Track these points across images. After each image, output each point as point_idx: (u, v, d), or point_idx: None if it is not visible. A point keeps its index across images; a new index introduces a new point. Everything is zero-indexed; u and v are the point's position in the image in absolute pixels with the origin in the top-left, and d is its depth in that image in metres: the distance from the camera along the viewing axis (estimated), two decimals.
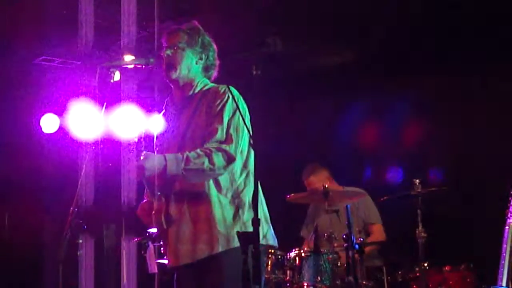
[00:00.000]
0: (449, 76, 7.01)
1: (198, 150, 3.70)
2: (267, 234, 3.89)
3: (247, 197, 3.83)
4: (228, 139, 3.76)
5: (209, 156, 3.68)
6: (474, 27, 6.56)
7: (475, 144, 6.83)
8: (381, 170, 7.54)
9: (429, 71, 7.16)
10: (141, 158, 3.61)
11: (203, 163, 3.66)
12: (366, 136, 7.65)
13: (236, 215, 3.78)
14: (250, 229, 3.63)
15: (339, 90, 7.64)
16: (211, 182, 3.78)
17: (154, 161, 3.64)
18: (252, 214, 3.74)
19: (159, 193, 3.83)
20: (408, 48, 7.08)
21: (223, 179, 3.80)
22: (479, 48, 6.69)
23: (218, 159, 3.69)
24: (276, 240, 4.01)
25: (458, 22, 6.59)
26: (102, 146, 3.81)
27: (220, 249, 3.72)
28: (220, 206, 3.76)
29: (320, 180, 6.70)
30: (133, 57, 4.16)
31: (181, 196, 3.81)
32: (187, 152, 3.69)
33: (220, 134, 3.76)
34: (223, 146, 3.73)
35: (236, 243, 3.69)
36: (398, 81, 7.32)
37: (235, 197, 3.81)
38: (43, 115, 7.78)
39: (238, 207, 3.80)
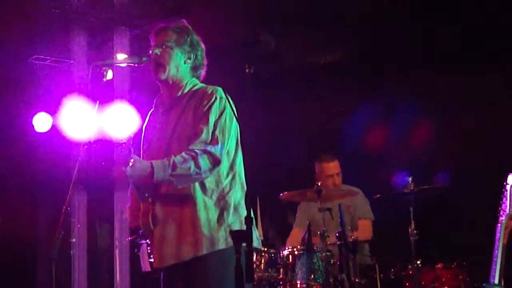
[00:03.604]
0: (448, 74, 7.02)
1: (184, 154, 3.68)
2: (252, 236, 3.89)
3: (233, 199, 3.82)
4: (213, 140, 3.75)
5: (195, 159, 3.66)
6: (474, 27, 6.59)
7: (468, 142, 6.84)
8: (377, 168, 7.54)
9: (429, 68, 7.16)
10: (130, 164, 3.58)
11: (190, 167, 3.64)
12: (363, 134, 7.65)
13: (220, 218, 3.77)
14: None
15: (333, 89, 7.65)
16: (197, 184, 3.77)
17: (140, 168, 3.62)
18: (237, 217, 3.79)
19: (146, 195, 3.82)
20: (408, 45, 7.09)
21: (209, 181, 3.78)
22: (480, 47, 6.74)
23: (204, 162, 3.68)
24: (260, 242, 4.02)
25: (458, 22, 6.62)
26: (95, 145, 3.80)
27: (204, 251, 3.71)
28: (205, 208, 3.76)
29: (337, 167, 6.77)
30: (125, 56, 4.15)
31: (167, 198, 3.81)
32: (173, 157, 3.66)
33: (205, 135, 3.74)
34: (208, 147, 3.72)
35: (220, 245, 3.72)
36: (396, 78, 7.33)
37: (220, 199, 3.80)
38: (35, 114, 7.78)
39: (223, 209, 3.79)
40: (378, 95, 7.44)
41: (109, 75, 3.96)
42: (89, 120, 3.88)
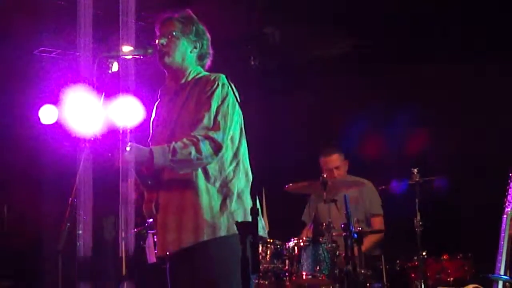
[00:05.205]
0: (451, 72, 7.02)
1: (185, 140, 3.68)
2: (258, 226, 3.89)
3: (236, 186, 3.82)
4: (215, 126, 3.74)
5: (196, 145, 3.66)
6: (474, 25, 6.59)
7: (474, 133, 6.84)
8: (382, 161, 7.54)
9: (428, 62, 7.17)
10: (127, 150, 3.60)
11: (190, 153, 3.65)
12: (368, 127, 7.65)
13: (223, 205, 3.77)
14: (238, 219, 3.67)
15: (339, 81, 7.64)
16: (199, 170, 3.76)
17: (138, 154, 3.64)
18: (240, 204, 3.79)
19: (149, 182, 3.83)
20: (408, 40, 7.09)
21: (212, 168, 3.78)
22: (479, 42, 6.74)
23: (205, 147, 3.68)
24: (266, 231, 4.02)
25: (458, 21, 6.62)
26: (100, 137, 3.81)
27: (205, 237, 3.71)
28: (208, 194, 3.75)
29: (340, 160, 6.83)
30: (131, 48, 4.15)
31: (170, 184, 3.81)
32: (174, 143, 3.67)
33: (207, 121, 3.75)
34: (210, 133, 3.71)
35: (222, 232, 3.72)
36: (396, 71, 7.33)
37: (223, 186, 3.79)
38: (41, 106, 7.80)
39: (226, 196, 3.78)
40: (383, 89, 7.44)
41: (115, 67, 3.97)
42: (95, 112, 3.88)
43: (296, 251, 5.78)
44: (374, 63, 7.40)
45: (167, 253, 3.83)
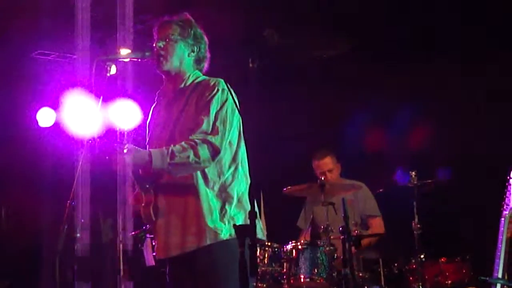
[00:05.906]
0: (448, 70, 7.02)
1: (183, 143, 3.70)
2: (256, 228, 3.89)
3: (235, 190, 3.82)
4: (213, 131, 3.75)
5: (194, 148, 3.67)
6: (472, 25, 6.60)
7: (472, 136, 6.83)
8: (379, 163, 7.53)
9: (428, 62, 7.16)
10: (124, 151, 3.59)
11: (188, 156, 3.66)
12: (365, 129, 7.64)
13: (223, 209, 3.78)
14: (239, 222, 3.68)
15: (337, 83, 7.64)
16: (198, 174, 3.77)
17: (137, 156, 3.64)
18: (240, 209, 3.80)
19: (147, 186, 3.83)
20: (408, 40, 7.09)
21: (211, 172, 3.79)
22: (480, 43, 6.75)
23: (203, 151, 3.69)
24: (264, 234, 4.02)
25: (458, 21, 6.62)
26: (98, 140, 3.81)
27: (208, 242, 3.72)
28: (207, 199, 3.76)
29: (333, 163, 6.83)
30: (129, 51, 4.15)
31: (169, 188, 3.82)
32: (172, 146, 3.68)
33: (206, 125, 3.75)
34: (208, 137, 3.73)
35: (224, 235, 3.73)
36: (396, 71, 7.33)
37: (222, 190, 3.81)
38: (39, 109, 7.79)
39: (225, 201, 3.79)
40: (380, 91, 7.44)
41: (113, 70, 3.97)
42: (93, 115, 3.88)
43: (294, 254, 5.77)
44: (374, 63, 7.39)
45: (168, 256, 3.83)
